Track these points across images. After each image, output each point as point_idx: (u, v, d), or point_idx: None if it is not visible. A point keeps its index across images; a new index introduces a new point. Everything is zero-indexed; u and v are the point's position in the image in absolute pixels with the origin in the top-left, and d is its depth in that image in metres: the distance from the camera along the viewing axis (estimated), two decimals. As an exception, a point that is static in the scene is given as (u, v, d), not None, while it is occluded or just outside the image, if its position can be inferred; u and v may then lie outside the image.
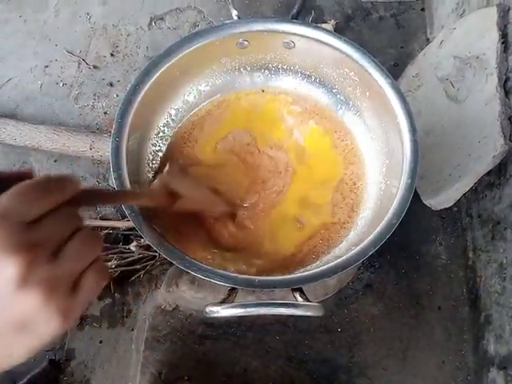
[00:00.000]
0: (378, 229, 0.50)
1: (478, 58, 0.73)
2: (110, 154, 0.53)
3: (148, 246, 0.50)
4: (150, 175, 0.61)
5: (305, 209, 0.61)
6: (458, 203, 0.78)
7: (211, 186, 0.58)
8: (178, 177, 0.54)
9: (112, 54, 0.97)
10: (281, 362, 0.71)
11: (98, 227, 0.79)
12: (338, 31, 0.92)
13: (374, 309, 0.75)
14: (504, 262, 0.67)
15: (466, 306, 0.76)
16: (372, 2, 1.01)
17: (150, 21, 1.00)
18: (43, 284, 0.25)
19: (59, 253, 0.27)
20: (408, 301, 0.76)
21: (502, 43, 0.70)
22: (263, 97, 0.67)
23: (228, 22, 0.60)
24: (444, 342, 0.74)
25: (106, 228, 0.79)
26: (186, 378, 0.70)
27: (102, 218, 0.81)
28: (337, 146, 0.64)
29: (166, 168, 0.53)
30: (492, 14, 0.72)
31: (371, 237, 0.50)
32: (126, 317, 0.78)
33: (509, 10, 0.70)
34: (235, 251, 0.57)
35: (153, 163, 0.62)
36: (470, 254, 0.77)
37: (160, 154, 0.63)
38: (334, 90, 0.66)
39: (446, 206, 0.77)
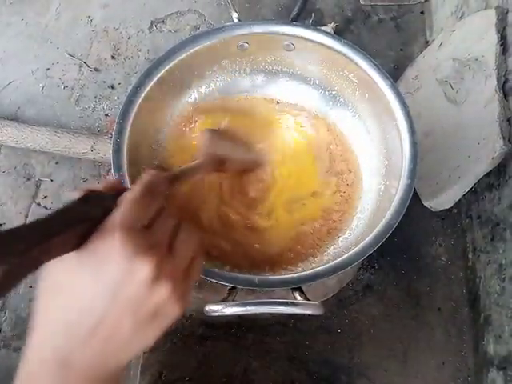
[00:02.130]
0: (377, 229, 0.51)
1: (476, 60, 0.74)
2: (111, 156, 0.53)
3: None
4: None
5: (301, 206, 0.61)
6: (457, 204, 0.78)
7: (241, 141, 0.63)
8: (218, 142, 0.58)
9: (113, 57, 0.97)
10: (281, 362, 0.72)
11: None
12: (338, 34, 0.93)
13: (374, 310, 0.75)
14: (503, 262, 0.67)
15: (466, 306, 0.76)
16: (372, 5, 1.01)
17: (151, 24, 1.00)
18: (168, 278, 0.30)
19: (172, 248, 0.32)
20: (408, 302, 0.76)
21: (501, 45, 0.70)
22: (263, 99, 0.68)
23: (228, 24, 0.61)
24: (444, 343, 0.74)
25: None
26: (186, 378, 0.70)
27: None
28: (336, 146, 0.65)
29: (205, 138, 0.55)
30: (491, 16, 0.72)
31: (370, 237, 0.50)
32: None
33: (507, 12, 0.71)
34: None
35: (154, 165, 0.62)
36: (470, 255, 0.77)
37: (160, 155, 0.63)
38: (334, 92, 0.66)
39: (446, 208, 0.78)
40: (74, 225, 0.29)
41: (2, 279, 0.23)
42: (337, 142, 0.65)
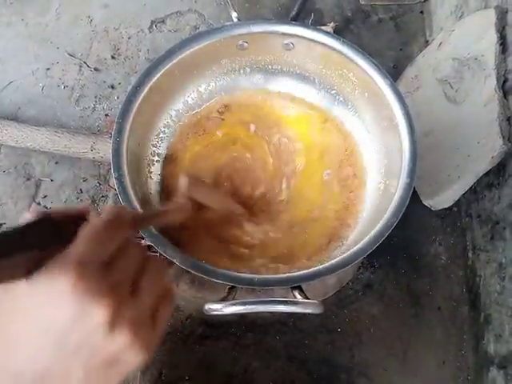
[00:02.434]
0: (377, 228, 0.51)
1: (476, 59, 0.74)
2: (110, 155, 0.54)
3: (149, 246, 0.51)
4: (150, 176, 0.62)
5: (302, 207, 0.61)
6: (457, 203, 0.78)
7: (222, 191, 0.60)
8: (197, 187, 0.54)
9: (113, 57, 0.97)
10: (281, 361, 0.72)
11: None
12: (338, 33, 0.92)
13: (374, 309, 0.75)
14: (503, 261, 0.67)
15: (466, 305, 0.76)
16: (371, 5, 1.01)
17: (151, 24, 1.00)
18: (129, 324, 0.26)
19: (136, 289, 0.28)
20: (408, 301, 0.76)
21: (500, 45, 0.70)
22: (262, 98, 0.68)
23: (228, 23, 0.61)
24: (444, 342, 0.74)
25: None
26: (186, 377, 0.70)
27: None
28: (335, 146, 0.65)
29: (183, 182, 0.54)
30: (490, 15, 0.72)
31: (370, 236, 0.50)
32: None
33: (507, 11, 0.71)
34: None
35: (153, 164, 0.63)
36: (470, 254, 0.77)
37: (161, 154, 0.64)
38: (333, 92, 0.66)
39: (446, 206, 0.78)
40: (23, 250, 0.26)
41: None
42: (338, 147, 0.65)
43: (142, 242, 0.76)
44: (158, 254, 0.49)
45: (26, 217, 0.29)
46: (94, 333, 0.25)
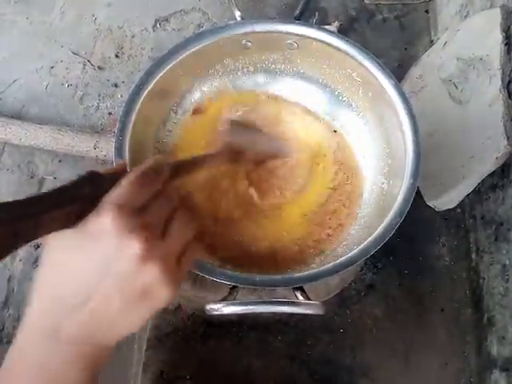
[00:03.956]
0: (380, 229, 0.50)
1: (481, 59, 0.73)
2: (113, 154, 0.54)
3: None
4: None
5: (304, 205, 0.61)
6: (461, 204, 0.77)
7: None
8: (239, 132, 0.57)
9: (117, 56, 0.97)
10: (283, 362, 0.71)
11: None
12: (342, 33, 0.91)
13: (377, 310, 0.75)
14: (507, 263, 0.67)
15: (469, 307, 0.76)
16: (376, 4, 1.01)
17: (155, 22, 1.00)
18: (159, 258, 0.30)
19: (166, 232, 0.32)
20: (411, 302, 0.76)
21: (506, 44, 0.70)
22: (266, 97, 0.68)
23: (231, 22, 0.61)
24: (447, 344, 0.74)
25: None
26: (187, 377, 0.70)
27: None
28: (338, 145, 0.65)
29: (224, 127, 0.54)
30: (496, 15, 0.72)
31: (373, 236, 0.50)
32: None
33: (512, 11, 0.70)
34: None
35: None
36: (473, 256, 0.77)
37: (163, 153, 0.63)
38: (337, 91, 0.66)
39: (449, 207, 0.77)
40: (72, 202, 0.30)
41: None
42: (340, 146, 0.65)
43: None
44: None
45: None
46: (129, 262, 0.29)
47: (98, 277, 0.30)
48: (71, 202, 0.30)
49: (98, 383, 0.35)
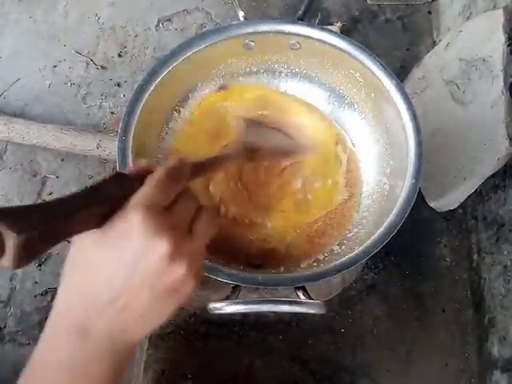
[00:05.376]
0: (382, 229, 0.50)
1: (484, 60, 0.74)
2: (116, 153, 0.54)
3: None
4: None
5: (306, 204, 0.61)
6: (462, 205, 0.78)
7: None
8: (253, 130, 0.58)
9: (120, 55, 0.97)
10: (284, 361, 0.72)
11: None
12: (345, 33, 0.92)
13: (378, 310, 0.75)
14: (508, 264, 0.67)
15: (470, 308, 0.76)
16: (379, 5, 1.01)
17: (158, 22, 1.00)
18: (186, 257, 0.31)
19: (191, 231, 0.34)
20: (412, 302, 0.76)
21: (508, 46, 0.70)
22: (268, 97, 0.68)
23: (234, 22, 0.61)
24: (448, 344, 0.74)
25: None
26: (188, 376, 0.70)
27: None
28: (340, 145, 0.65)
29: (240, 128, 0.55)
30: (498, 16, 0.72)
31: (374, 237, 0.50)
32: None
33: (515, 12, 0.70)
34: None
35: (159, 162, 0.63)
36: (475, 256, 0.77)
37: (165, 152, 0.64)
38: (339, 91, 0.66)
39: (451, 208, 0.77)
40: (100, 203, 0.30)
41: (25, 246, 0.25)
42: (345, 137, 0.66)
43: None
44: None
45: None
46: (159, 262, 0.30)
47: (127, 275, 0.31)
48: (99, 203, 0.30)
49: (122, 379, 0.35)
